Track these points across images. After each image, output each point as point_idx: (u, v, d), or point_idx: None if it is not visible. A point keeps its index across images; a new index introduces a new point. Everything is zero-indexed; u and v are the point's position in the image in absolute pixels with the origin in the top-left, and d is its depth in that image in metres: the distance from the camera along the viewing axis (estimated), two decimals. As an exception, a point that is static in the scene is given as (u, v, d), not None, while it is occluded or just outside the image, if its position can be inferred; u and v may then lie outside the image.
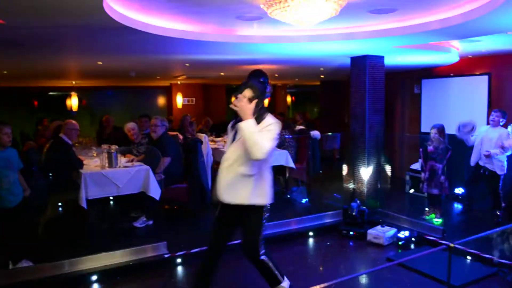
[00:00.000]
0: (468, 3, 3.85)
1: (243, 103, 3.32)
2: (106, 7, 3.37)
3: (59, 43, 5.13)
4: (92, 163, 6.18)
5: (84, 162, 6.03)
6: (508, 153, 6.01)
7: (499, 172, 6.10)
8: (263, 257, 3.57)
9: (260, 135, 3.27)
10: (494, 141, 6.07)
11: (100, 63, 7.26)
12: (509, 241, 5.01)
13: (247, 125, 3.26)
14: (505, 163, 6.09)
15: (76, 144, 7.85)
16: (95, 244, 5.24)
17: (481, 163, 6.26)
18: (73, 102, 13.19)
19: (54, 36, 4.60)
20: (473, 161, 6.39)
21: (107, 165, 5.84)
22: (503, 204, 6.12)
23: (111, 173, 5.66)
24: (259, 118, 3.42)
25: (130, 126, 6.79)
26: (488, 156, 6.07)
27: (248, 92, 3.41)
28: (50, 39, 4.80)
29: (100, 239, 5.57)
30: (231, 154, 3.53)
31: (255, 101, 3.37)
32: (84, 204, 5.36)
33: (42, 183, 5.93)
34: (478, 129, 6.36)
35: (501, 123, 6.18)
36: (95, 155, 6.79)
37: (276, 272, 3.64)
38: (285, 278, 3.71)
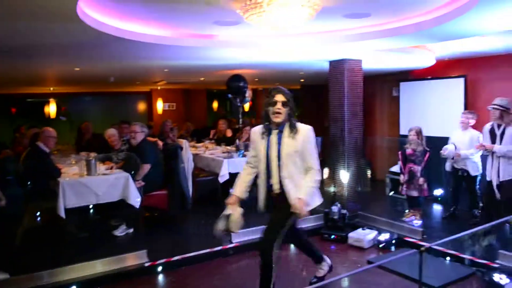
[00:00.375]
0: (441, 7, 3.91)
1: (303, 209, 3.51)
2: (80, 13, 3.33)
3: (35, 49, 5.05)
4: (71, 171, 6.08)
5: (62, 170, 5.94)
6: (480, 153, 6.09)
7: (473, 173, 6.18)
8: (274, 254, 3.61)
9: (308, 180, 3.59)
10: (467, 144, 6.15)
11: (78, 69, 7.18)
12: (486, 241, 5.10)
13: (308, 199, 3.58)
14: (479, 163, 6.18)
15: (55, 152, 7.73)
16: (74, 253, 5.15)
17: (457, 166, 6.34)
18: (51, 109, 13.03)
19: (29, 42, 4.53)
20: (448, 165, 6.48)
21: (85, 173, 5.76)
22: (480, 204, 6.21)
23: (89, 181, 5.58)
24: (292, 127, 3.60)
25: (110, 132, 6.71)
26: (459, 156, 6.14)
27: (281, 97, 3.54)
28: (26, 45, 4.72)
29: (79, 248, 5.47)
30: (287, 172, 3.60)
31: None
32: (62, 213, 5.27)
33: (19, 192, 5.80)
34: (451, 134, 6.46)
35: (471, 124, 6.27)
36: (73, 162, 6.70)
37: (273, 278, 3.70)
38: None
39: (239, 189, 3.87)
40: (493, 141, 5.43)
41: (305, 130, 3.63)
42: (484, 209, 6.09)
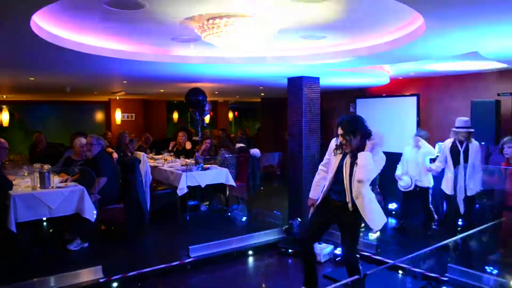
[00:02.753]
0: (393, 32, 4.08)
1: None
2: (34, 27, 3.28)
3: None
4: (23, 183, 5.89)
5: (14, 182, 5.75)
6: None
7: (426, 185, 6.41)
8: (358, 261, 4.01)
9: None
10: (420, 160, 6.39)
11: (32, 79, 7.00)
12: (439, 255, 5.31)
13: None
14: (431, 176, 6.41)
15: (7, 163, 7.46)
16: (26, 269, 5.01)
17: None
18: (3, 117, 12.60)
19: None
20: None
21: (38, 185, 5.59)
22: (436, 217, 6.44)
23: (43, 194, 5.41)
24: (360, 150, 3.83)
25: (82, 142, 6.51)
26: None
27: (340, 130, 3.88)
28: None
29: (32, 264, 5.31)
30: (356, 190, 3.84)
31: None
32: (13, 227, 5.09)
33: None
34: (403, 150, 6.68)
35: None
36: (26, 174, 6.49)
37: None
38: None
39: (315, 193, 4.23)
40: (455, 157, 5.71)
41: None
42: (440, 222, 6.34)
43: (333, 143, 4.08)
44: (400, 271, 5.27)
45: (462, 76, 7.45)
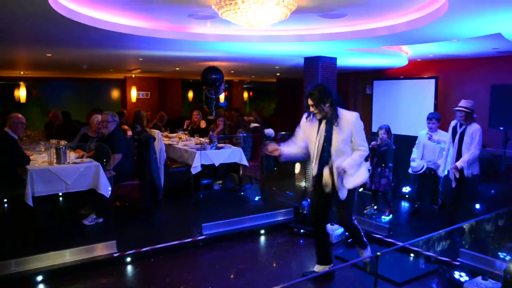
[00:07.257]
0: (413, 12, 3.99)
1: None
2: (51, 1, 3.27)
3: (4, 33, 4.93)
4: (40, 158, 5.97)
5: (31, 157, 5.83)
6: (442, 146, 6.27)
7: (442, 173, 6.32)
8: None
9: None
10: (434, 146, 6.30)
11: (49, 55, 7.04)
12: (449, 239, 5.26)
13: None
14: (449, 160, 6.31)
15: (24, 138, 7.58)
16: (42, 242, 5.10)
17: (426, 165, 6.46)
18: (21, 93, 12.73)
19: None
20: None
21: (55, 161, 5.67)
22: (439, 201, 6.38)
23: (59, 170, 5.49)
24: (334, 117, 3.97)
25: (99, 119, 6.53)
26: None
27: (310, 101, 3.94)
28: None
29: (48, 237, 5.41)
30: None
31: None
32: (30, 201, 5.19)
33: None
34: (419, 133, 6.58)
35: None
36: (43, 150, 6.59)
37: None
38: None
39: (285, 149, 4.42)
40: (454, 138, 5.67)
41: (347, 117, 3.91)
42: (442, 206, 6.29)
43: (304, 118, 4.20)
44: (412, 254, 5.26)
45: (482, 59, 7.28)
